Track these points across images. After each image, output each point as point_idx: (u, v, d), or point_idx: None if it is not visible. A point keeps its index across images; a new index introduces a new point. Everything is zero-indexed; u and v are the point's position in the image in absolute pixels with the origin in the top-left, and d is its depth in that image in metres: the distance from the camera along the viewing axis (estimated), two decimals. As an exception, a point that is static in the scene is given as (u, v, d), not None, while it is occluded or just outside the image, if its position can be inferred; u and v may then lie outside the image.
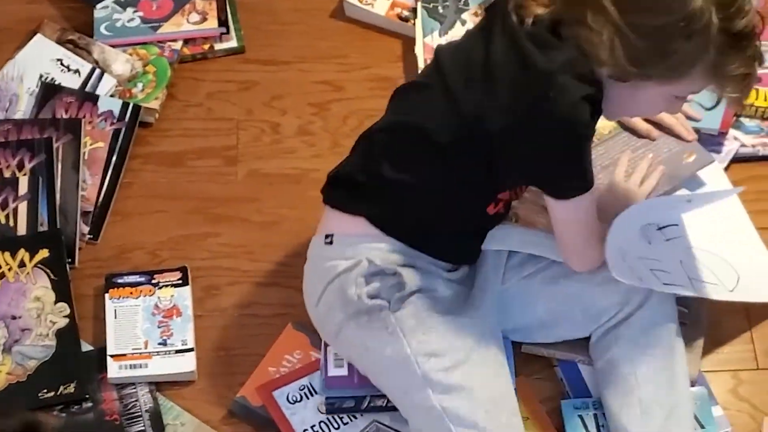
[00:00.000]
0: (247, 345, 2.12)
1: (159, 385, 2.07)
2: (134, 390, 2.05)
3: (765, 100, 2.42)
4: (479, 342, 1.93)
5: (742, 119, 2.42)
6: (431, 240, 1.94)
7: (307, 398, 2.03)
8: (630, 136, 2.24)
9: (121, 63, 2.43)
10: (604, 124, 2.21)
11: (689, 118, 2.29)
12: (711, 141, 2.36)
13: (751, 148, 2.39)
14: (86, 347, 2.11)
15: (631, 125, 2.24)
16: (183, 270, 2.19)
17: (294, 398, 2.03)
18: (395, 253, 1.92)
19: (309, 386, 2.05)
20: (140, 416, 2.02)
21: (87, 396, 2.04)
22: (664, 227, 2.08)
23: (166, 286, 2.16)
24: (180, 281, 2.17)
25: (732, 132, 2.39)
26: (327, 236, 1.95)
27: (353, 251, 1.92)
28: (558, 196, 1.86)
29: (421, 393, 1.88)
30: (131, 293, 2.15)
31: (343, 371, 2.01)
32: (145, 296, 2.15)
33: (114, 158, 2.33)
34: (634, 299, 2.01)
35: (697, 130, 2.34)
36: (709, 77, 1.79)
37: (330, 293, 1.94)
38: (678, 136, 2.25)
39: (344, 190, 1.96)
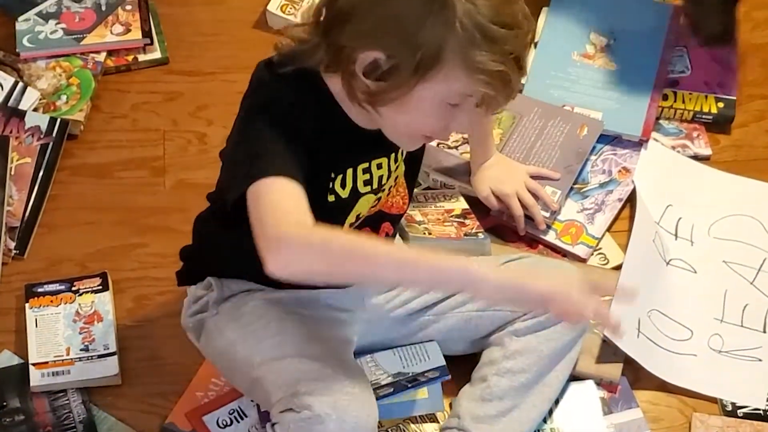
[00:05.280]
0: (179, 354, 2.11)
1: (92, 396, 2.05)
2: (66, 401, 2.04)
3: (683, 102, 2.47)
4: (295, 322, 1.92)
5: (661, 122, 2.47)
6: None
7: (237, 422, 2.03)
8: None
9: (46, 79, 2.43)
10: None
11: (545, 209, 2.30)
12: (632, 147, 2.41)
13: (671, 149, 2.44)
14: (15, 360, 2.09)
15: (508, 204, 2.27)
16: (103, 276, 2.18)
17: (224, 422, 2.03)
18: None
19: (238, 410, 2.04)
20: (74, 427, 2.01)
21: (4, 404, 2.03)
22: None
23: (87, 292, 2.16)
24: (100, 287, 2.17)
25: (651, 134, 2.43)
26: None
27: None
28: None
29: (249, 373, 1.89)
30: (51, 301, 2.15)
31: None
32: (65, 304, 2.14)
33: (41, 173, 2.31)
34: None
35: (618, 137, 2.40)
36: (462, 69, 1.62)
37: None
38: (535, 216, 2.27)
39: None
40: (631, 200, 2.34)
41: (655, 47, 2.53)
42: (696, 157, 2.44)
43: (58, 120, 2.36)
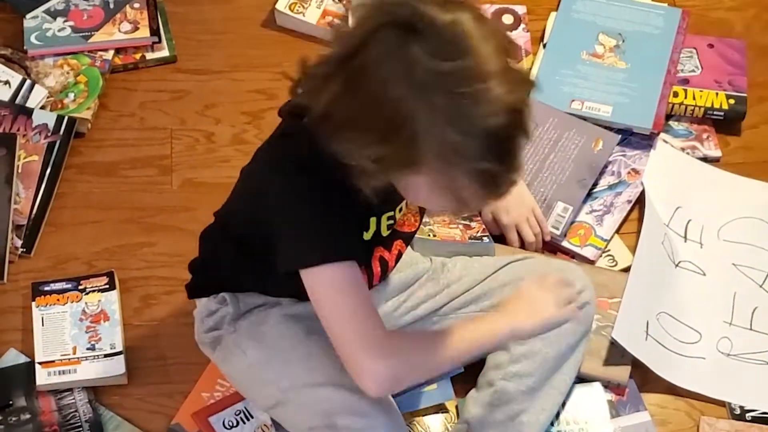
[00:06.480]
0: (185, 354, 2.11)
1: (98, 395, 2.05)
2: (73, 400, 2.04)
3: (693, 98, 2.46)
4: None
5: (671, 123, 2.46)
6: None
7: (243, 423, 2.03)
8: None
9: (54, 76, 2.42)
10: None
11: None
12: (643, 140, 2.40)
13: (680, 151, 2.43)
14: (21, 358, 2.09)
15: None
16: (110, 275, 2.18)
17: (230, 423, 2.03)
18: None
19: (244, 411, 2.04)
20: (80, 426, 2.00)
21: (10, 402, 2.03)
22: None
23: (93, 291, 2.16)
24: (107, 286, 2.17)
25: (661, 135, 2.42)
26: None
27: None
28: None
29: (274, 395, 1.89)
30: (58, 300, 2.15)
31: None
32: (72, 302, 2.14)
33: (48, 171, 2.31)
34: None
35: (629, 130, 2.40)
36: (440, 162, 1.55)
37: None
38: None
39: None
40: (640, 202, 2.34)
41: (665, 48, 2.52)
42: (706, 159, 2.43)
43: (66, 118, 2.35)
